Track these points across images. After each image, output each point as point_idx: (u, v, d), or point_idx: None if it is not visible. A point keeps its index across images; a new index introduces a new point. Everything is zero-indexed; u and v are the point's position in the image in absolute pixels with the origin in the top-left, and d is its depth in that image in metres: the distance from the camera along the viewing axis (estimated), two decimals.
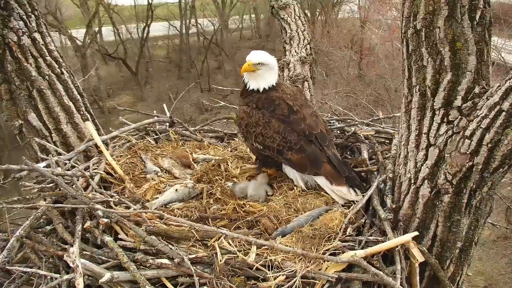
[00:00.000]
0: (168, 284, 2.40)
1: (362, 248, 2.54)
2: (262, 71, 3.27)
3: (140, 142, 3.96)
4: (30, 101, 3.57)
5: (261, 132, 3.20)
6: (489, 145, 2.22)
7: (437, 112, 2.47)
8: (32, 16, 3.53)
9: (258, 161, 3.54)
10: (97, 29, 26.94)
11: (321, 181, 3.17)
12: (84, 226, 2.60)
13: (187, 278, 2.39)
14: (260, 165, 3.48)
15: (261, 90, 3.30)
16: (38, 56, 3.56)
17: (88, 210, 2.71)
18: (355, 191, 3.07)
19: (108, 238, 2.54)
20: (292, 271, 2.36)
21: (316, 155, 3.14)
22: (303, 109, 3.28)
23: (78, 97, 3.86)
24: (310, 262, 2.42)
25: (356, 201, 3.01)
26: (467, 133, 2.30)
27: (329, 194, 3.15)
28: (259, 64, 3.24)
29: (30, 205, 2.83)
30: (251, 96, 3.33)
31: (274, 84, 3.32)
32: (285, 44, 5.24)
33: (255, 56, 3.27)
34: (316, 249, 2.54)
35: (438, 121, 2.48)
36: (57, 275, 2.48)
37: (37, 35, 3.55)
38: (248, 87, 3.34)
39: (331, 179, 3.10)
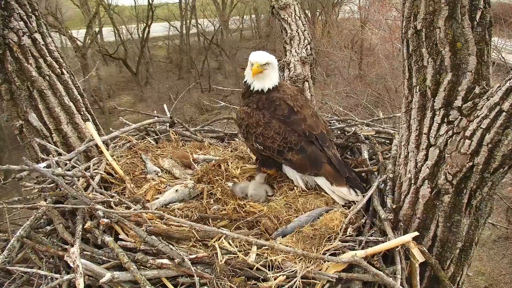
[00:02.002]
0: (168, 284, 2.40)
1: (363, 248, 2.54)
2: (268, 71, 3.27)
3: (140, 142, 3.96)
4: (31, 101, 3.58)
5: (262, 133, 3.20)
6: (489, 146, 2.22)
7: (437, 113, 2.47)
8: (33, 16, 3.54)
9: (258, 162, 3.53)
10: (97, 29, 26.91)
11: (321, 181, 3.17)
12: (85, 226, 2.60)
13: (188, 278, 2.39)
14: (260, 166, 3.48)
15: (265, 90, 3.29)
16: (39, 56, 3.57)
17: (88, 210, 2.71)
18: (355, 191, 3.07)
19: (108, 238, 2.54)
20: (293, 271, 2.36)
21: (316, 156, 3.14)
22: (303, 110, 3.29)
23: (79, 97, 3.87)
24: (310, 262, 2.42)
25: (356, 201, 3.01)
26: (468, 133, 2.30)
27: (329, 195, 3.15)
28: (265, 64, 3.23)
29: (31, 205, 2.83)
30: (252, 97, 3.33)
31: (277, 84, 3.32)
32: (285, 44, 5.25)
33: (262, 57, 3.25)
34: (317, 249, 2.55)
35: (439, 121, 2.48)
36: (58, 275, 2.49)
37: (37, 36, 3.56)
38: (253, 88, 3.33)
39: (332, 179, 3.10)
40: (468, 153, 2.31)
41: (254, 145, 3.29)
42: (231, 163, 3.65)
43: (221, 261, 2.42)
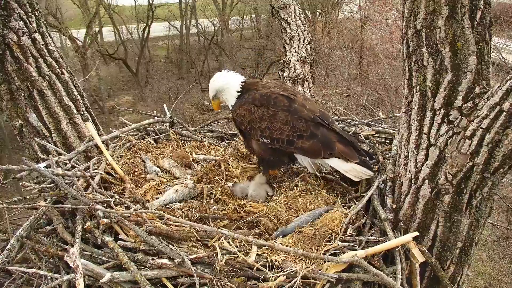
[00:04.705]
0: (168, 284, 2.40)
1: (363, 248, 2.54)
2: (223, 97, 3.45)
3: (140, 142, 3.95)
4: (31, 101, 3.58)
5: (268, 126, 3.19)
6: (490, 145, 2.22)
7: (437, 112, 2.47)
8: (33, 16, 3.53)
9: (262, 163, 3.46)
10: (97, 29, 26.92)
11: (335, 162, 3.17)
12: (85, 226, 2.60)
13: (188, 278, 2.39)
14: (266, 168, 3.41)
15: (234, 103, 3.39)
16: (38, 56, 3.56)
17: (88, 210, 2.71)
18: (366, 167, 3.14)
19: (108, 239, 2.54)
20: (293, 271, 2.36)
21: (327, 137, 3.16)
22: (297, 96, 3.31)
23: (78, 97, 3.87)
24: (310, 262, 2.42)
25: (371, 176, 3.15)
26: (468, 133, 2.30)
27: (343, 174, 3.20)
28: (216, 94, 3.46)
29: (31, 205, 2.83)
30: (244, 98, 3.32)
31: (239, 90, 3.36)
32: (285, 44, 5.25)
33: (210, 92, 3.52)
34: (317, 250, 2.55)
35: (439, 121, 2.48)
36: (58, 275, 2.49)
37: (37, 35, 3.55)
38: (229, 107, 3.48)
39: (346, 157, 3.12)
40: (468, 153, 2.31)
41: (260, 139, 3.25)
42: (231, 163, 3.64)
43: (221, 261, 2.42)
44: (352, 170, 3.13)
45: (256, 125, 3.23)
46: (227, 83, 3.41)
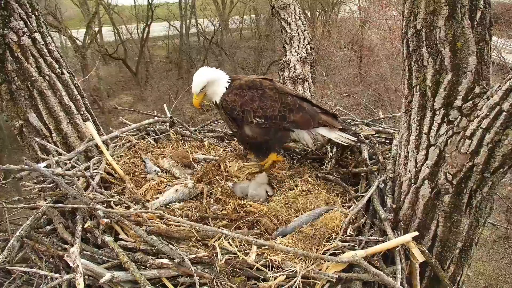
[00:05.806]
0: (168, 284, 2.40)
1: (363, 248, 2.54)
2: (210, 90, 3.41)
3: (140, 142, 3.95)
4: (31, 101, 3.58)
5: (260, 106, 3.35)
6: (490, 145, 2.22)
7: (437, 112, 2.47)
8: (33, 16, 3.53)
9: (261, 151, 3.57)
10: (97, 29, 26.91)
11: (324, 131, 3.50)
12: (85, 226, 2.60)
13: (188, 278, 2.39)
14: (270, 149, 3.54)
15: (220, 99, 3.40)
16: (39, 56, 3.56)
17: (88, 210, 2.71)
18: (350, 134, 3.51)
19: (108, 238, 2.54)
20: (293, 271, 2.36)
21: (312, 109, 3.47)
22: (275, 80, 3.61)
23: (79, 97, 3.87)
24: (310, 262, 2.42)
25: (355, 141, 3.50)
26: (468, 133, 2.30)
27: (335, 140, 3.53)
28: (202, 89, 3.38)
29: (31, 205, 2.83)
30: (231, 87, 3.42)
31: (227, 86, 3.41)
32: (285, 44, 5.25)
33: (194, 87, 3.38)
34: (317, 249, 2.55)
35: (439, 121, 2.48)
36: (58, 275, 2.48)
37: (37, 35, 3.55)
38: (215, 102, 3.47)
39: (331, 125, 3.45)
40: (468, 153, 2.31)
41: (254, 121, 3.35)
42: (231, 163, 3.64)
43: (221, 261, 2.42)
44: (339, 136, 3.47)
45: (248, 107, 3.35)
46: (218, 74, 3.47)
